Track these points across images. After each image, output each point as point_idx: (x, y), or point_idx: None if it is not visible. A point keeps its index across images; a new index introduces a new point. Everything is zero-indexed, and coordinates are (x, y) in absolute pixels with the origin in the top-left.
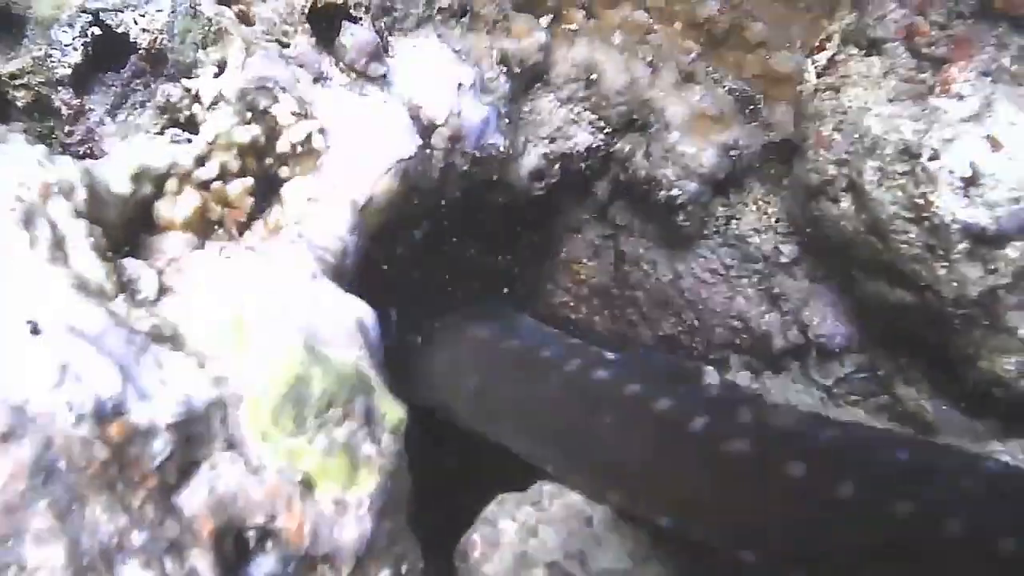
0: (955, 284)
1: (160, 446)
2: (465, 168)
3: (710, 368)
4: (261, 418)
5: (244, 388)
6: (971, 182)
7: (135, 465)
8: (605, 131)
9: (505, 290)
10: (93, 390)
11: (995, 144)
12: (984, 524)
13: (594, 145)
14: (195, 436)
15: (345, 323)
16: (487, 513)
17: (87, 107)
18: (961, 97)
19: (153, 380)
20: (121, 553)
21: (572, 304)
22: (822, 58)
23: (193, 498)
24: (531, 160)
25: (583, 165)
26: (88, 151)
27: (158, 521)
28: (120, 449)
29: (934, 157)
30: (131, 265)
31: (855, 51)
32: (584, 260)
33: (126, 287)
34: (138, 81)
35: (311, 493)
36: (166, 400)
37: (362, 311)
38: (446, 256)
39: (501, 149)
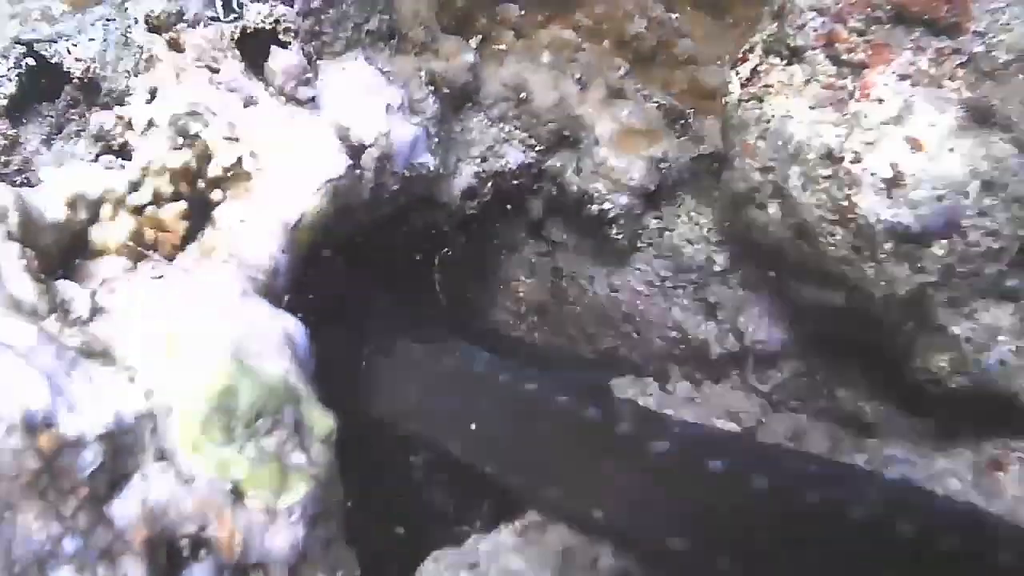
0: (883, 284)
1: (90, 456)
2: (396, 188)
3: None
4: (191, 429)
5: (174, 400)
6: (893, 183)
7: (66, 475)
8: (536, 148)
9: (442, 307)
10: (22, 402)
11: (916, 145)
12: (883, 512)
13: (526, 162)
14: (125, 447)
15: (274, 337)
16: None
17: (23, 137)
18: (881, 101)
19: (83, 393)
20: (54, 560)
21: (511, 322)
22: (745, 69)
23: (125, 507)
24: (463, 179)
25: (515, 183)
26: (24, 180)
27: (90, 529)
28: (51, 459)
29: (856, 160)
30: (64, 286)
31: (776, 61)
32: (521, 278)
33: (59, 307)
34: (73, 111)
35: (242, 502)
36: (96, 412)
37: (291, 326)
38: (379, 276)
39: (431, 168)
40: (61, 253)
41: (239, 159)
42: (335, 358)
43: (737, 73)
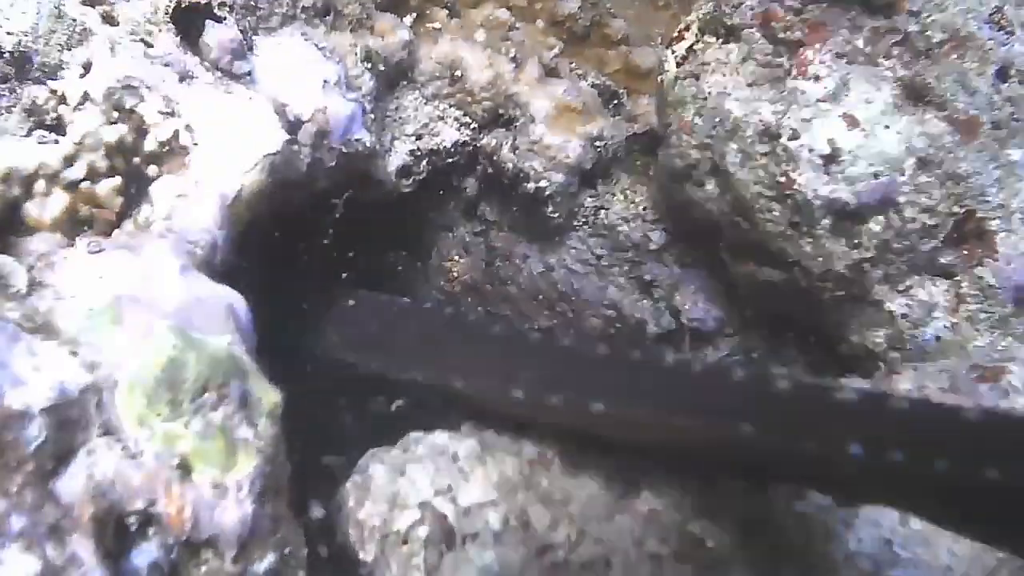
0: (821, 260)
1: (36, 431)
2: (332, 164)
3: None
4: (136, 403)
5: (119, 373)
6: (831, 159)
7: (11, 449)
8: (471, 127)
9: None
10: None
11: (852, 122)
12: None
13: (461, 141)
14: (70, 421)
15: (216, 310)
16: (359, 464)
17: None
18: (817, 78)
19: (25, 367)
20: (1, 538)
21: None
22: (681, 48)
23: (71, 484)
24: (398, 157)
25: (450, 161)
26: None
27: (37, 506)
28: None
29: (794, 137)
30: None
31: (712, 39)
32: (456, 257)
33: None
34: (3, 85)
35: (189, 477)
36: (40, 385)
37: (233, 298)
38: (316, 251)
39: (368, 144)
40: None
41: (175, 133)
42: (275, 331)
43: (673, 52)
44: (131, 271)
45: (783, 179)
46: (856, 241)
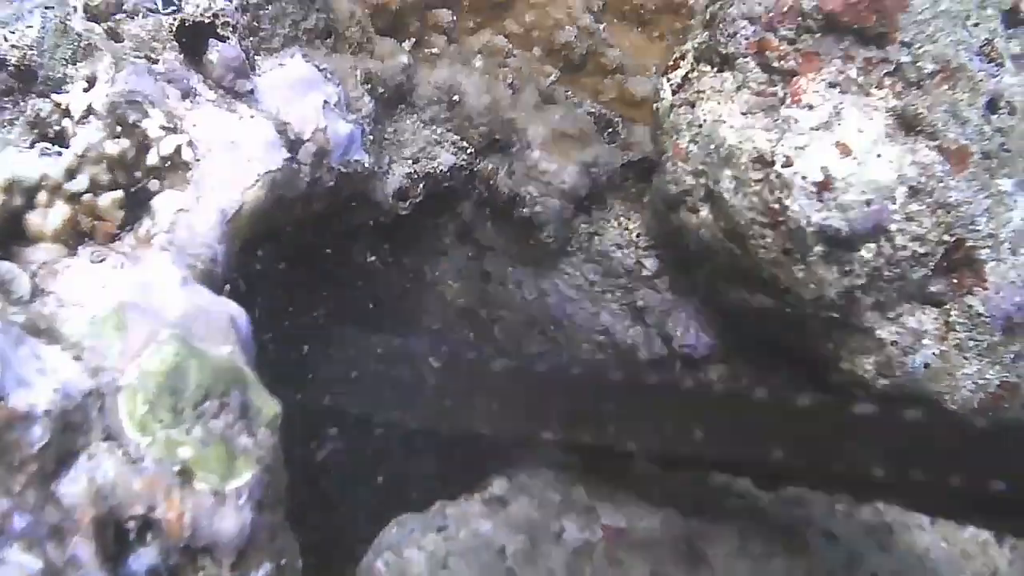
0: (813, 286)
1: (39, 432)
2: (331, 184)
3: None
4: (138, 408)
5: (121, 379)
6: (824, 187)
7: (15, 449)
8: (468, 151)
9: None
10: None
11: (845, 150)
12: None
13: (457, 165)
14: (73, 424)
15: (218, 321)
16: (389, 538)
17: None
18: (811, 107)
19: (31, 369)
20: (3, 537)
21: (439, 327)
22: (676, 76)
23: (73, 486)
24: (396, 180)
25: (447, 185)
26: None
27: (39, 507)
28: (0, 433)
29: (787, 164)
30: (3, 267)
31: (708, 68)
32: (450, 282)
33: None
34: (7, 98)
35: (190, 483)
36: (44, 387)
37: (234, 311)
38: (312, 271)
39: (366, 166)
40: None
41: (177, 148)
42: (272, 346)
43: (668, 80)
44: (133, 280)
45: (776, 206)
46: (848, 268)
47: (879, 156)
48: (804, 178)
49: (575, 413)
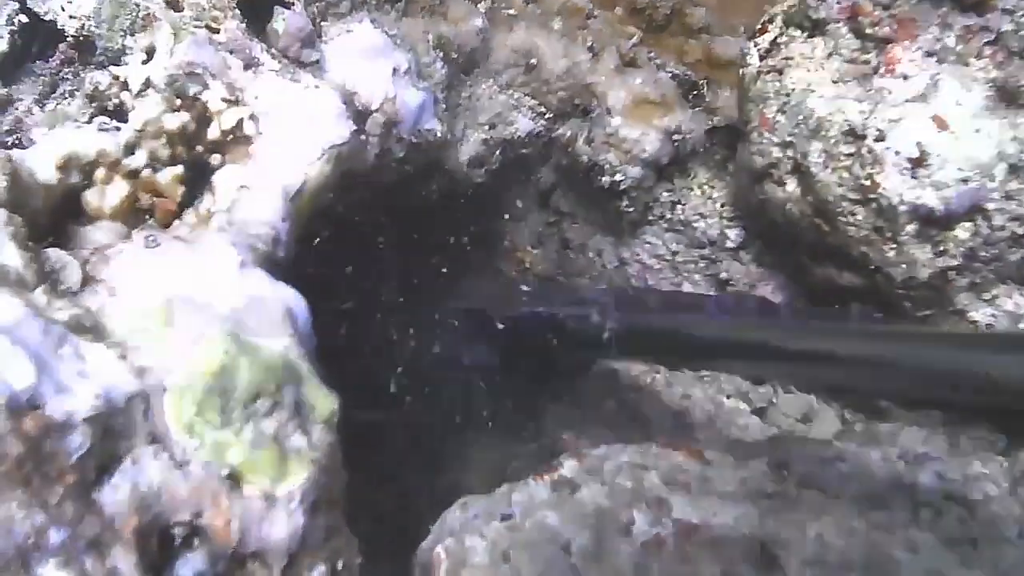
0: (904, 267)
1: (78, 440)
2: (401, 154)
3: None
4: (186, 410)
5: (168, 379)
6: (918, 163)
7: (52, 460)
8: (546, 116)
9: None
10: (6, 382)
11: (941, 124)
12: None
13: (535, 131)
14: (116, 429)
15: (274, 311)
16: (450, 521)
17: (16, 97)
18: (906, 77)
19: (71, 372)
20: (38, 553)
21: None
22: (764, 41)
23: (115, 494)
24: (471, 147)
25: (524, 151)
26: (16, 141)
27: (77, 519)
28: (36, 444)
29: (880, 138)
30: (54, 255)
31: (797, 33)
32: (528, 248)
33: (47, 277)
34: (67, 69)
35: (239, 488)
36: (84, 392)
37: (292, 299)
38: (382, 247)
39: (438, 135)
40: (52, 217)
41: (239, 122)
42: (336, 333)
43: (756, 45)
44: (187, 268)
45: (867, 182)
46: (942, 248)
47: (977, 131)
48: (898, 153)
49: None
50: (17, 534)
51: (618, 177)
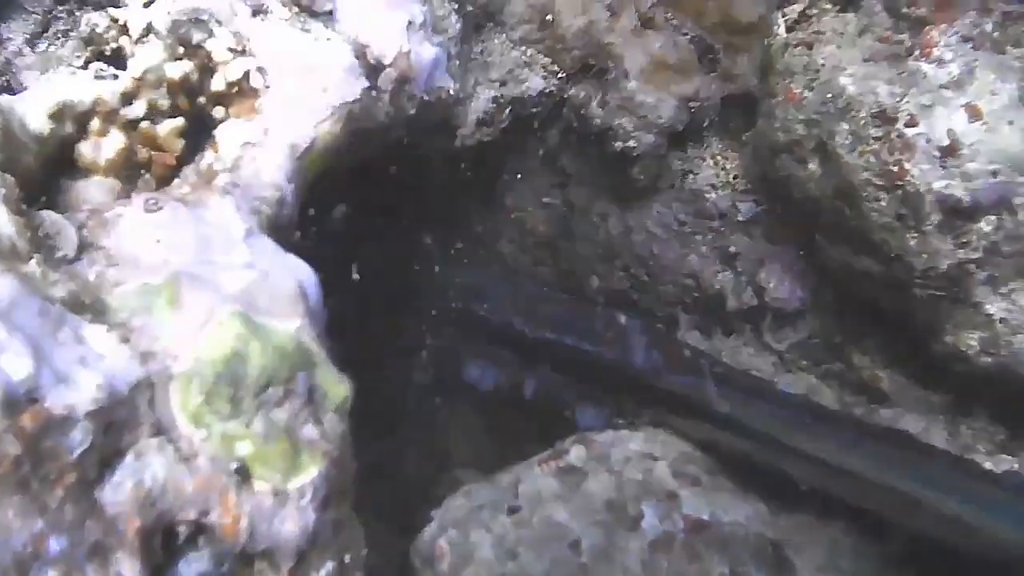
0: (925, 256)
1: (79, 436)
2: (413, 112)
3: None
4: (193, 399)
5: (174, 365)
6: (949, 152)
7: (51, 460)
8: (559, 76)
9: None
10: (3, 373)
11: (975, 114)
12: None
13: (547, 90)
14: (119, 422)
15: (285, 288)
16: (453, 511)
17: (5, 35)
18: (942, 62)
19: (71, 359)
20: (37, 562)
21: (517, 254)
22: (793, 11)
23: (117, 493)
24: (480, 104)
25: (534, 110)
26: (5, 83)
27: (78, 523)
28: (34, 442)
29: (911, 123)
30: (48, 219)
31: (828, 6)
32: (530, 208)
33: (42, 243)
34: (61, 8)
35: (248, 483)
36: (87, 382)
37: (303, 273)
38: (384, 204)
39: (451, 92)
40: (43, 171)
41: (246, 74)
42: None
43: (784, 15)
44: (191, 235)
45: (895, 168)
46: (964, 240)
47: (1011, 123)
48: (928, 141)
49: None
50: (15, 543)
51: (631, 144)
